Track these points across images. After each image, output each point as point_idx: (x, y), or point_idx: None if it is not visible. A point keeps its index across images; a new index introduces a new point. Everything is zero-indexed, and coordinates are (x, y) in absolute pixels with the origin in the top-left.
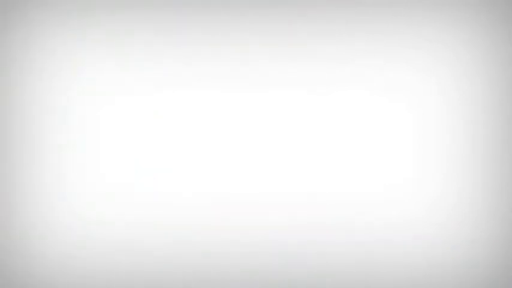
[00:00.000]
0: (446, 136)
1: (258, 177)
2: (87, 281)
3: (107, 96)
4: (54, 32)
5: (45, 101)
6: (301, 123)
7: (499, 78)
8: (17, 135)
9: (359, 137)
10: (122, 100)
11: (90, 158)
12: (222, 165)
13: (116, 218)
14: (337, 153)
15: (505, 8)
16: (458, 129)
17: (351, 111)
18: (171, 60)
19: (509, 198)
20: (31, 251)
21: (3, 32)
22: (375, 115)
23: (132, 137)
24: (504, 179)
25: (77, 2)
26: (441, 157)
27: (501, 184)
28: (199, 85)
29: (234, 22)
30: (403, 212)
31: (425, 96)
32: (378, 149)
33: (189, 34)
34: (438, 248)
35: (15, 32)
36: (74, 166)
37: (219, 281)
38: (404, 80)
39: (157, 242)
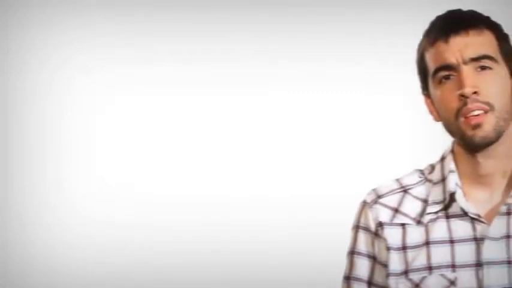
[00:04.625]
0: (446, 136)
1: (258, 177)
2: (87, 281)
3: (107, 96)
4: (54, 32)
5: (46, 101)
6: (301, 123)
7: None
8: (16, 135)
9: (358, 137)
10: (122, 100)
11: (90, 158)
12: (223, 166)
13: (116, 218)
14: (336, 154)
15: (505, 8)
16: None
17: (350, 111)
18: (171, 60)
19: None
20: (31, 251)
21: (3, 32)
22: (374, 115)
23: (132, 137)
24: None
25: (77, 2)
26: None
27: None
28: (199, 85)
29: (234, 22)
30: None
31: None
32: (377, 149)
33: (189, 34)
34: None
35: (15, 32)
36: (74, 166)
37: (219, 281)
38: (404, 80)
39: (157, 242)
